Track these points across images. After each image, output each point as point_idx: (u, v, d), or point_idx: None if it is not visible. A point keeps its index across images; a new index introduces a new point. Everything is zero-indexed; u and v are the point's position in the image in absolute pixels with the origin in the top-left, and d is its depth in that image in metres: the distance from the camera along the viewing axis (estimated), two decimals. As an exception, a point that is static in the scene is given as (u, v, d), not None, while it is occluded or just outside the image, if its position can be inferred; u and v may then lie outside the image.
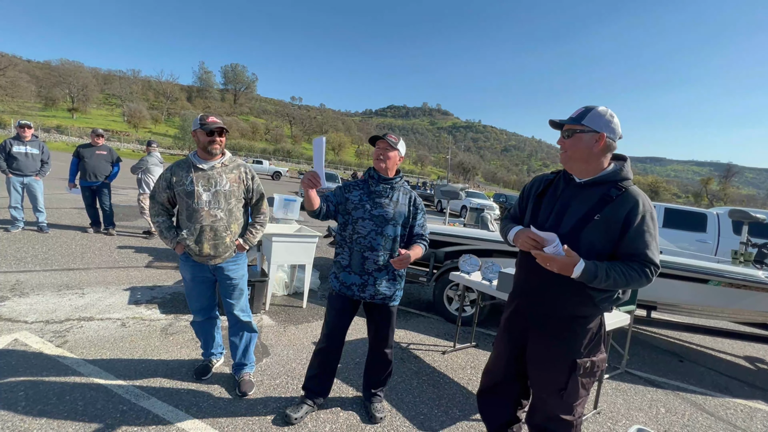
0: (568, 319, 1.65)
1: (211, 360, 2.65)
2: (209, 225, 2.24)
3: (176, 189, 2.24)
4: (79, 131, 49.70)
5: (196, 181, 2.22)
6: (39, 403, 2.12)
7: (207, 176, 2.25)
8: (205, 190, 2.23)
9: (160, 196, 2.29)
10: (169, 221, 2.33)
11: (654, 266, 1.51)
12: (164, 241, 2.31)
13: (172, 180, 2.25)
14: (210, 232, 2.25)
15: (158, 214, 2.31)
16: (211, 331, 2.58)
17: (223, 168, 2.31)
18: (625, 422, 2.67)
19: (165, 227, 2.30)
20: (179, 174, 2.25)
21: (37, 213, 5.85)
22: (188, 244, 2.25)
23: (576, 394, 1.67)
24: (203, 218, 2.23)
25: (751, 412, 3.06)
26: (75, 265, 4.56)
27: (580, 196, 1.63)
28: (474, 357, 3.43)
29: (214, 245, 2.27)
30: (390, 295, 2.23)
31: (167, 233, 2.29)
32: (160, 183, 2.29)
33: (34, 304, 3.37)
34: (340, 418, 2.32)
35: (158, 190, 2.29)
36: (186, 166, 2.27)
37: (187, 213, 2.24)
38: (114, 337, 2.96)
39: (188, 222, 2.24)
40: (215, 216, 2.25)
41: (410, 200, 2.26)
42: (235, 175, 2.34)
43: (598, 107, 1.59)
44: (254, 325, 2.56)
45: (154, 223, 2.32)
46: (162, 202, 2.30)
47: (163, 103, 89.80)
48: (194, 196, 2.21)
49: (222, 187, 2.27)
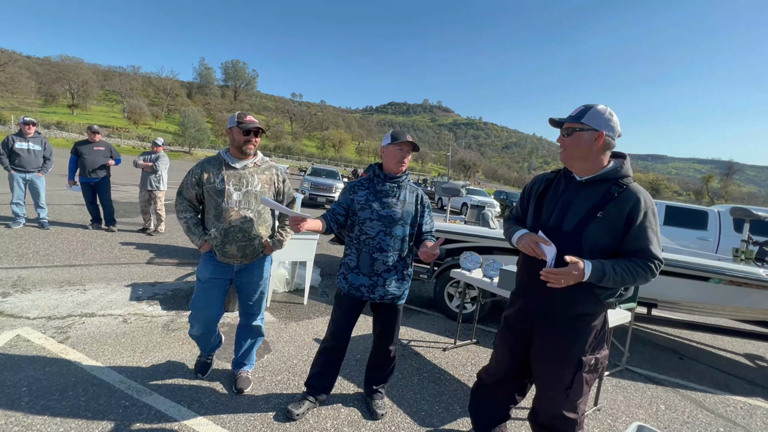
0: (574, 318, 1.66)
1: (211, 356, 2.61)
2: (238, 225, 2.19)
3: (206, 186, 2.19)
4: (79, 127, 49.63)
5: (227, 180, 2.18)
6: (41, 398, 2.13)
7: (239, 175, 2.21)
8: (236, 190, 2.19)
9: (188, 192, 2.24)
10: (196, 218, 2.27)
11: (658, 261, 1.52)
12: (191, 237, 2.25)
13: (202, 177, 2.19)
14: (238, 233, 2.20)
15: (185, 210, 2.25)
16: (209, 339, 2.46)
17: (255, 168, 2.28)
18: (625, 419, 2.68)
19: (193, 223, 2.24)
20: (210, 171, 2.20)
21: (38, 209, 5.86)
22: (215, 244, 2.20)
23: (580, 391, 1.68)
24: (232, 218, 2.18)
25: (751, 409, 3.07)
26: (76, 262, 4.57)
27: (582, 194, 1.63)
28: (474, 354, 3.44)
29: (241, 246, 2.23)
30: (399, 295, 2.23)
31: (195, 230, 2.23)
32: (189, 179, 2.23)
33: (36, 300, 3.39)
34: (342, 414, 2.33)
35: (187, 186, 2.23)
36: (217, 164, 2.22)
37: (215, 212, 2.19)
38: (116, 333, 2.97)
39: (216, 221, 2.19)
40: (244, 217, 2.21)
41: (417, 198, 2.25)
42: (267, 177, 2.31)
43: (597, 105, 1.59)
44: (263, 329, 2.56)
45: (181, 219, 2.25)
46: (190, 199, 2.25)
47: (163, 100, 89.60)
48: (224, 195, 2.17)
49: (253, 188, 2.23)
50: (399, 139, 2.12)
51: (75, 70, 72.56)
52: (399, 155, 2.14)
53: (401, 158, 2.14)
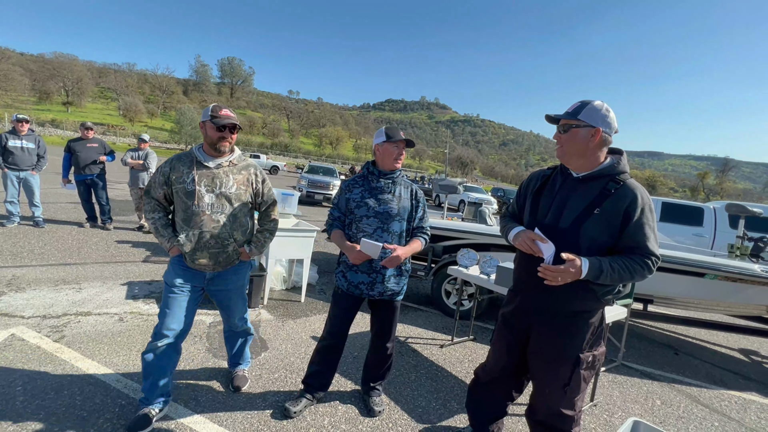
0: (572, 315, 1.66)
1: (151, 410, 2.01)
2: (210, 231, 1.99)
3: (175, 187, 1.98)
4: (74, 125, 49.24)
5: (199, 180, 1.96)
6: (36, 398, 2.12)
7: (212, 175, 2.00)
8: (207, 191, 1.98)
9: (156, 192, 2.04)
10: (165, 218, 2.07)
11: (655, 257, 1.53)
12: (159, 239, 2.06)
13: (170, 176, 1.99)
14: (210, 240, 2.00)
15: (153, 210, 2.05)
16: (168, 365, 2.05)
17: (230, 167, 2.06)
18: (621, 414, 2.70)
19: (161, 224, 2.04)
20: (179, 169, 1.99)
21: (33, 208, 5.81)
22: (185, 250, 1.99)
23: (578, 388, 1.68)
24: (204, 223, 1.97)
25: (745, 403, 3.09)
26: (72, 260, 4.54)
27: (579, 190, 1.63)
28: (472, 350, 3.45)
29: (214, 254, 2.03)
30: (398, 291, 2.24)
31: (163, 231, 2.03)
32: (157, 177, 2.03)
33: (31, 299, 3.36)
34: (339, 412, 2.33)
35: (154, 184, 2.04)
36: (188, 162, 2.00)
37: (185, 215, 1.98)
38: (112, 332, 2.95)
39: (186, 226, 1.98)
40: (217, 221, 2.00)
41: (412, 194, 2.25)
42: (244, 177, 2.10)
43: (593, 102, 1.58)
44: (251, 329, 2.46)
45: (149, 219, 2.05)
46: (158, 198, 2.04)
47: (159, 97, 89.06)
48: (195, 197, 1.95)
49: (227, 189, 2.02)
50: (394, 137, 2.12)
51: (69, 67, 71.98)
52: (395, 152, 2.14)
53: (397, 155, 2.14)
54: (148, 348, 2.00)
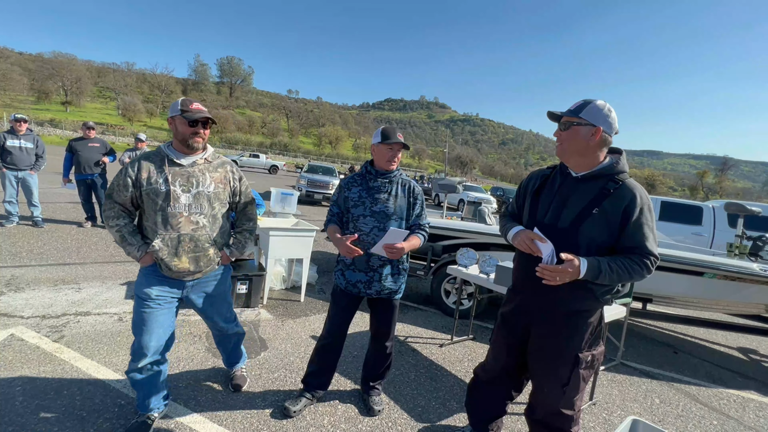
0: (571, 314, 1.67)
1: (151, 415, 1.99)
2: (189, 234, 1.86)
3: (145, 188, 1.81)
4: (73, 125, 49.20)
5: (173, 180, 1.83)
6: (36, 398, 2.12)
7: (187, 174, 1.87)
8: (184, 191, 1.85)
9: (120, 195, 1.84)
10: (132, 225, 1.89)
11: (654, 257, 1.53)
12: (126, 249, 1.86)
13: (140, 176, 1.82)
14: (190, 243, 1.87)
15: (118, 217, 1.85)
16: (156, 378, 1.97)
17: (206, 165, 1.94)
18: (620, 413, 2.71)
19: (128, 232, 1.85)
20: (148, 170, 1.83)
21: (32, 207, 5.81)
22: (161, 257, 1.84)
23: (577, 387, 1.69)
24: (182, 225, 1.85)
25: (744, 402, 3.10)
26: (71, 260, 4.54)
27: (578, 190, 1.63)
28: (471, 350, 3.45)
29: (194, 258, 1.90)
30: (395, 290, 2.24)
31: (131, 239, 1.84)
32: (121, 179, 1.83)
33: (30, 299, 3.36)
34: (339, 411, 2.33)
35: (118, 187, 1.84)
36: (158, 161, 1.86)
37: (160, 218, 1.83)
38: (111, 332, 2.95)
39: (162, 230, 1.83)
40: (197, 223, 1.88)
41: (409, 191, 2.24)
42: (221, 175, 1.99)
43: (596, 101, 1.58)
44: (241, 329, 2.38)
45: (113, 227, 1.85)
46: (122, 203, 1.86)
47: (158, 97, 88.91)
48: (170, 198, 1.81)
49: (205, 189, 1.90)
50: (390, 138, 2.12)
51: (68, 66, 71.83)
52: (389, 154, 2.14)
53: (391, 157, 2.14)
54: (130, 368, 1.89)
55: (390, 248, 2.00)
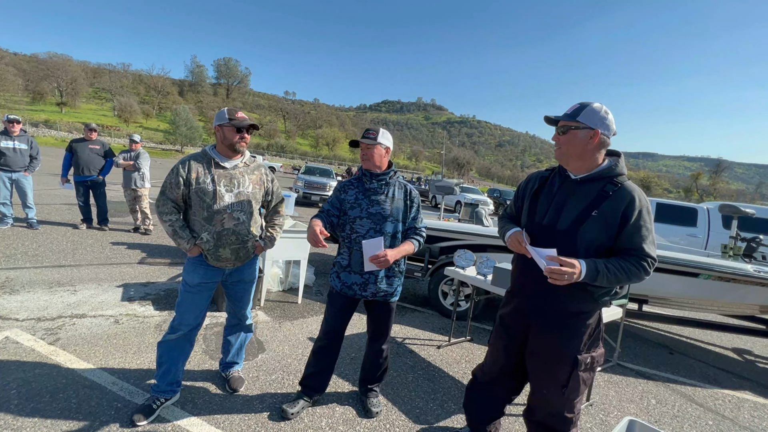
0: (570, 316, 1.67)
1: (159, 398, 2.14)
2: (231, 228, 2.09)
3: (194, 187, 2.02)
4: (68, 126, 48.87)
5: (218, 181, 2.05)
6: (31, 401, 2.10)
7: (230, 176, 2.09)
8: (227, 191, 2.07)
9: (172, 192, 2.04)
10: (182, 220, 2.10)
11: (651, 260, 1.53)
12: (177, 241, 2.07)
13: (190, 176, 2.02)
14: (232, 236, 2.10)
15: (170, 212, 2.06)
16: (181, 355, 2.20)
17: (245, 168, 2.17)
18: (616, 414, 2.72)
19: (179, 226, 2.06)
20: (197, 170, 2.04)
21: (26, 209, 5.76)
22: (208, 249, 2.08)
23: (577, 390, 1.69)
24: (225, 221, 2.07)
25: (739, 402, 3.12)
26: (66, 262, 4.50)
27: (577, 192, 1.64)
28: (469, 351, 3.46)
29: (235, 250, 2.14)
30: (391, 292, 2.24)
31: (182, 233, 2.05)
32: (173, 178, 2.03)
33: (25, 301, 3.33)
34: (336, 413, 2.33)
35: (171, 185, 2.03)
36: (205, 162, 2.08)
37: (206, 214, 2.05)
38: (107, 334, 2.93)
39: (208, 225, 2.06)
40: (238, 219, 2.11)
41: (406, 194, 2.25)
42: (257, 177, 2.22)
43: (593, 104, 1.59)
44: (252, 326, 2.53)
45: (166, 222, 2.05)
46: (174, 199, 2.06)
47: (154, 98, 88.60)
48: (216, 197, 2.04)
49: (245, 189, 2.13)
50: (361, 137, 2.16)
51: (63, 67, 71.41)
52: (361, 155, 2.18)
53: (362, 157, 2.18)
54: (164, 338, 2.16)
55: (375, 259, 1.99)
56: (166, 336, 2.17)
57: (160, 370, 2.16)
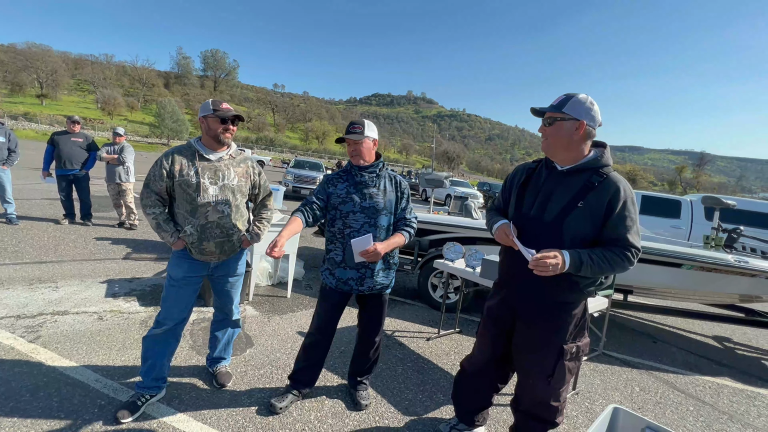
0: (555, 306, 1.69)
1: (144, 395, 2.12)
2: (215, 221, 2.06)
3: (177, 180, 2.00)
4: (49, 119, 47.44)
5: (202, 173, 2.02)
6: (11, 400, 2.04)
7: (214, 168, 2.07)
8: (211, 184, 2.04)
9: (156, 185, 2.01)
10: (165, 213, 2.08)
11: (635, 249, 1.54)
12: (161, 235, 2.05)
13: (173, 168, 2.00)
14: (216, 229, 2.07)
15: (154, 205, 2.04)
16: (166, 350, 2.17)
17: (230, 160, 2.14)
18: (601, 402, 2.77)
19: (163, 219, 2.04)
20: (181, 162, 2.01)
21: (5, 204, 5.58)
22: (192, 242, 2.05)
23: (563, 379, 1.71)
24: (209, 214, 2.05)
25: (718, 388, 3.22)
26: (48, 258, 4.39)
27: (563, 183, 1.65)
28: (458, 343, 3.48)
29: (219, 243, 2.11)
30: (387, 284, 2.24)
31: (166, 226, 2.04)
32: (157, 170, 2.00)
33: (4, 298, 3.24)
34: (326, 407, 2.33)
35: (155, 178, 2.01)
36: (189, 155, 2.05)
37: (190, 207, 2.03)
38: (90, 331, 2.87)
39: (191, 218, 2.03)
40: (222, 212, 2.08)
41: (396, 186, 2.22)
42: (243, 169, 2.18)
43: (578, 95, 1.59)
44: (240, 321, 2.49)
45: (149, 215, 2.03)
46: (158, 192, 2.03)
47: (139, 90, 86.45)
48: (200, 190, 2.01)
49: (230, 182, 2.11)
50: (347, 133, 2.10)
51: (43, 58, 69.09)
52: (349, 151, 2.13)
53: (351, 153, 2.12)
54: (149, 333, 2.13)
55: (365, 254, 1.98)
56: (151, 331, 2.13)
57: (145, 366, 2.13)
